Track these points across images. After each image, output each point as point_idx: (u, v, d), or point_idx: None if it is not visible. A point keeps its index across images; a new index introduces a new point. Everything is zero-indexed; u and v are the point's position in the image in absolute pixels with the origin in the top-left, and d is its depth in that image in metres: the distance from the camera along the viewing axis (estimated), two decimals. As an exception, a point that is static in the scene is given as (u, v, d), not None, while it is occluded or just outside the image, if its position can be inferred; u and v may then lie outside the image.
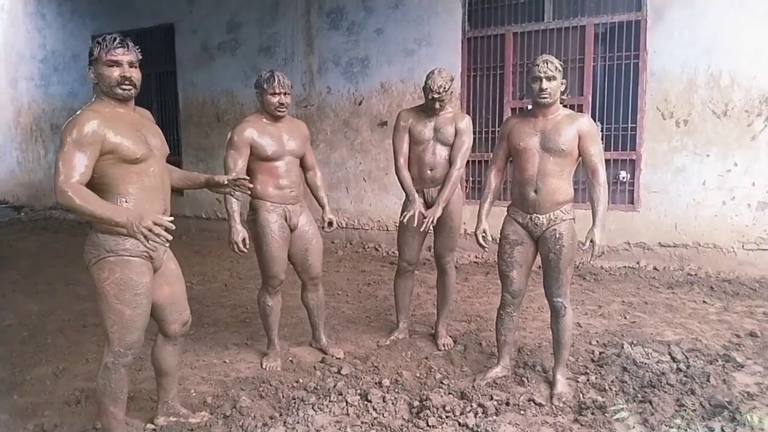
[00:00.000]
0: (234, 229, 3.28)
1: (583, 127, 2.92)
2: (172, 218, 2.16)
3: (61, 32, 9.85)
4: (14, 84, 10.78)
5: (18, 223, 9.64)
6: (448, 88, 3.50)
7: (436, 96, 3.48)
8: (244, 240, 3.30)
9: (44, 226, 9.17)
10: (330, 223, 3.68)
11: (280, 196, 3.40)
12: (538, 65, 2.88)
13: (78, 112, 2.27)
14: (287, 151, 3.39)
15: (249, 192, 2.82)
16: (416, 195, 3.66)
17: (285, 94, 3.33)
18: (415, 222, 3.58)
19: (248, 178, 2.77)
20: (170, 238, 2.11)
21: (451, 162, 3.66)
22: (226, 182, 2.65)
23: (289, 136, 3.42)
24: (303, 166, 3.62)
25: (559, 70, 2.90)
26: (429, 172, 3.66)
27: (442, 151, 3.63)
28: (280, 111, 3.35)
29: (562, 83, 2.92)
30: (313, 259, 3.58)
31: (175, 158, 8.35)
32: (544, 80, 2.86)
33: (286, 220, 3.44)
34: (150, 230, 2.05)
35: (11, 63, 10.74)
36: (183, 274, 2.70)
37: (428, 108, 3.62)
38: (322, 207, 3.69)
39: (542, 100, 2.90)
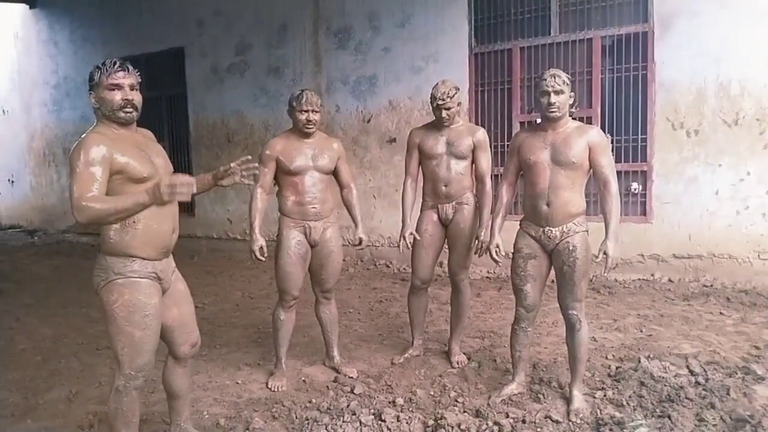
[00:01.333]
0: (252, 237, 3.39)
1: (593, 139, 2.91)
2: (191, 179, 2.21)
3: (73, 59, 10.01)
4: (28, 110, 10.95)
5: (31, 247, 9.72)
6: (453, 95, 3.50)
7: (440, 103, 3.49)
8: (261, 248, 3.37)
9: (57, 250, 9.24)
10: (360, 242, 3.73)
11: (300, 212, 3.45)
12: (546, 80, 2.88)
13: (83, 136, 2.28)
14: (312, 167, 3.44)
15: (253, 180, 2.75)
16: (408, 221, 3.71)
17: (313, 111, 3.41)
18: (401, 249, 3.71)
19: (251, 158, 2.71)
20: (194, 185, 2.19)
21: (478, 179, 3.66)
22: (231, 166, 2.62)
23: (318, 152, 3.47)
24: (339, 183, 3.69)
25: (567, 84, 2.90)
26: (444, 188, 3.64)
27: (456, 166, 3.62)
28: (308, 127, 3.42)
29: (570, 96, 2.92)
30: (327, 273, 3.60)
31: (186, 180, 8.42)
32: (552, 95, 2.86)
33: (306, 237, 3.47)
34: (174, 188, 2.13)
35: (25, 89, 10.92)
36: (194, 295, 2.70)
37: (437, 121, 3.62)
38: (355, 224, 3.74)
39: (551, 114, 2.90)
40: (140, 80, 2.39)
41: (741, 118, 5.27)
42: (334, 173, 3.61)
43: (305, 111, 3.38)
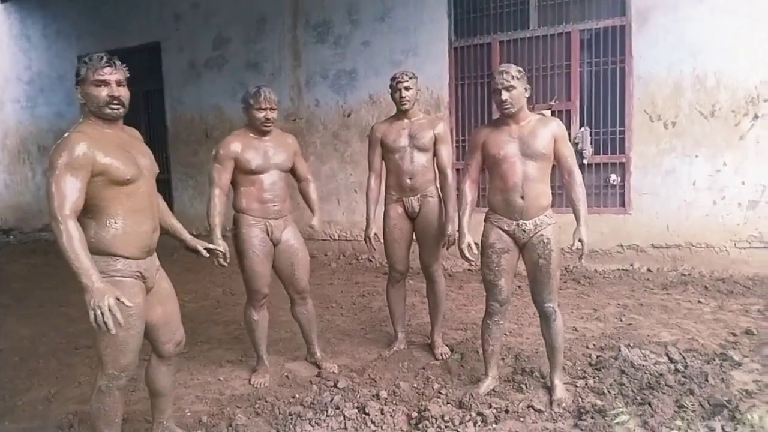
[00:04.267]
0: (215, 243, 3.19)
1: (556, 130, 2.95)
2: (131, 305, 2.18)
3: (47, 53, 9.82)
4: (0, 107, 10.73)
5: (7, 246, 9.55)
6: (411, 77, 3.59)
7: (399, 80, 3.57)
8: (224, 254, 3.21)
9: (34, 249, 9.09)
10: (311, 226, 3.63)
11: (261, 210, 3.39)
12: (495, 77, 2.90)
13: (66, 135, 2.24)
14: (272, 165, 3.39)
15: (225, 264, 3.00)
16: (372, 218, 3.77)
17: (271, 109, 3.34)
18: (369, 250, 3.80)
19: (225, 252, 2.96)
20: (114, 331, 2.06)
21: (440, 170, 3.69)
22: (204, 252, 2.78)
23: (275, 150, 3.41)
24: (295, 177, 3.63)
25: (518, 78, 2.89)
26: (408, 180, 3.66)
27: (420, 158, 3.65)
28: (266, 126, 3.35)
29: (526, 89, 2.93)
30: (299, 272, 3.55)
31: (164, 176, 8.34)
32: (503, 91, 2.88)
33: (268, 234, 3.42)
34: (102, 312, 2.02)
35: (-3, 86, 10.70)
36: (175, 292, 2.67)
37: (398, 109, 3.68)
38: (312, 213, 3.67)
39: (506, 110, 2.92)
40: (128, 75, 2.35)
41: (717, 110, 5.35)
42: (293, 167, 3.56)
43: (263, 109, 3.31)
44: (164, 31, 8.35)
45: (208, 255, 2.79)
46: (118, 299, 2.08)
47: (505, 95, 2.87)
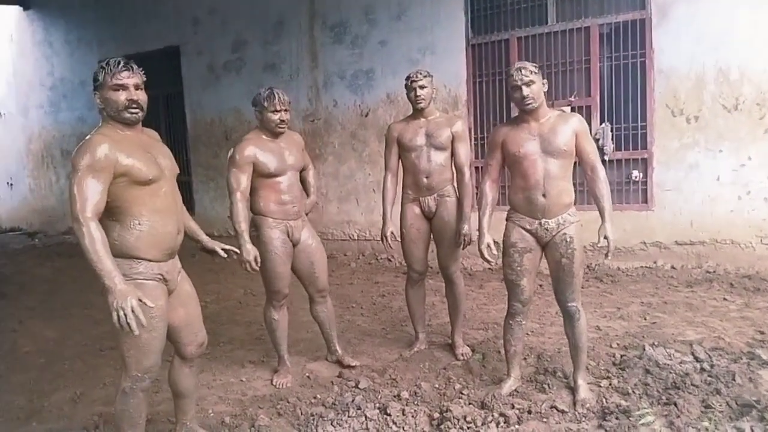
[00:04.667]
0: (244, 248, 3.24)
1: (577, 126, 2.91)
2: (153, 305, 2.20)
3: (69, 59, 9.98)
4: (25, 112, 10.92)
5: (33, 249, 9.70)
6: (426, 75, 3.58)
7: (413, 79, 3.56)
8: (255, 258, 3.27)
9: (59, 252, 9.22)
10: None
11: (282, 212, 3.40)
12: (513, 75, 2.87)
13: (87, 137, 2.27)
14: (288, 166, 3.41)
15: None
16: (389, 218, 3.75)
17: (285, 110, 3.35)
18: (386, 249, 3.77)
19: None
20: (137, 332, 2.08)
21: (457, 169, 3.66)
22: (222, 253, 2.78)
23: (289, 150, 3.43)
24: (302, 177, 3.65)
25: (536, 73, 2.87)
26: (425, 180, 3.64)
27: (437, 157, 3.63)
28: (280, 128, 3.37)
29: (543, 83, 2.90)
30: (318, 271, 3.57)
31: (185, 179, 8.42)
32: (523, 87, 2.85)
33: (288, 236, 3.44)
34: (125, 313, 2.04)
35: (21, 92, 10.89)
36: (197, 293, 2.69)
37: (414, 108, 3.66)
38: (308, 196, 3.68)
39: (527, 106, 2.88)
40: (145, 79, 2.37)
41: (741, 104, 5.25)
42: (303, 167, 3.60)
43: (278, 111, 3.31)
44: (183, 35, 8.43)
45: (226, 256, 2.79)
46: (140, 300, 2.10)
47: (525, 91, 2.84)
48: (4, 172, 11.54)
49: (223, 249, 2.78)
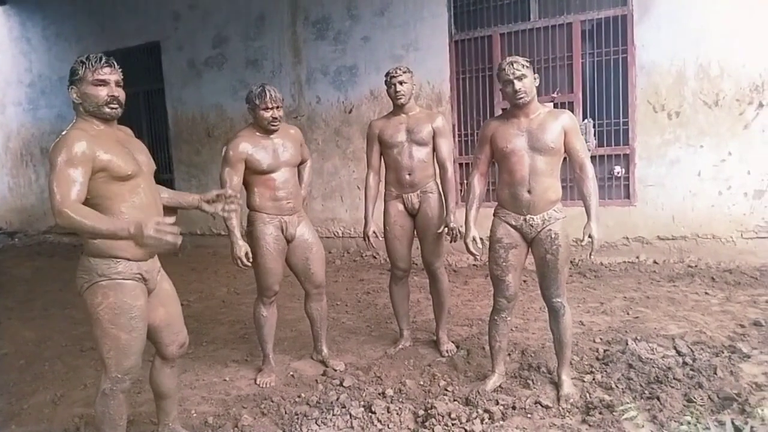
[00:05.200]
0: (236, 244, 3.24)
1: (566, 123, 2.90)
2: (172, 219, 2.14)
3: (47, 55, 9.81)
4: (2, 109, 10.72)
5: (12, 249, 9.56)
6: (405, 71, 3.58)
7: (393, 75, 3.56)
8: (247, 254, 3.27)
9: (39, 251, 9.10)
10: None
11: (276, 208, 3.39)
12: (505, 69, 2.86)
13: (63, 133, 2.23)
14: (282, 163, 3.38)
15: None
16: (371, 217, 3.77)
17: (277, 107, 3.32)
18: (368, 248, 3.68)
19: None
20: (179, 236, 2.05)
21: (440, 164, 3.66)
22: (216, 196, 2.61)
23: (284, 147, 3.41)
24: (299, 168, 3.62)
25: (528, 67, 2.86)
26: (407, 176, 3.64)
27: (418, 153, 3.62)
28: (273, 125, 3.33)
29: (535, 78, 2.90)
30: (315, 267, 3.55)
31: (167, 176, 8.33)
32: (515, 81, 2.83)
33: (282, 232, 3.42)
34: (159, 238, 2.00)
35: (-1, 89, 10.70)
36: (179, 292, 2.66)
37: (394, 103, 3.65)
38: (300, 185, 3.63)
39: (520, 100, 2.87)
40: (122, 77, 2.35)
41: (721, 99, 5.30)
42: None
43: (270, 108, 3.29)
44: (163, 31, 8.32)
45: (218, 197, 2.64)
46: (157, 222, 2.03)
47: (518, 84, 2.83)
48: (-18, 170, 11.34)
49: (216, 194, 2.64)
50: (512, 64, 2.84)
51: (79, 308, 5.10)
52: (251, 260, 3.30)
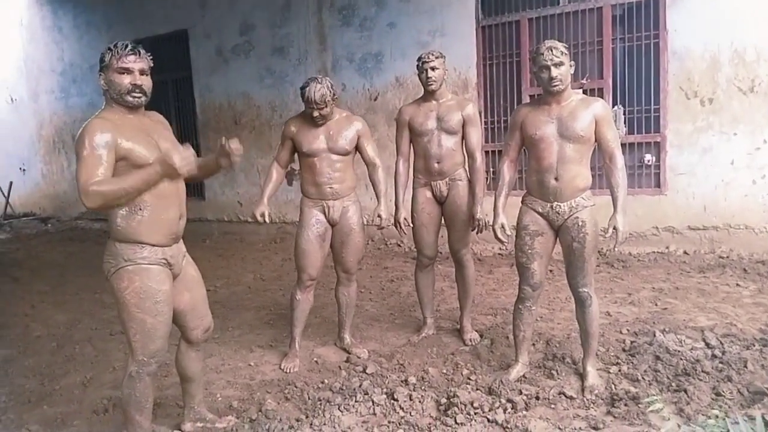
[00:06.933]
0: (259, 201, 3.45)
1: (598, 111, 2.84)
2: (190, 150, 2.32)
3: (78, 44, 9.97)
4: (36, 98, 10.95)
5: (45, 234, 9.79)
6: (438, 57, 3.56)
7: (425, 60, 3.54)
8: (263, 213, 3.42)
9: (71, 237, 9.31)
10: (379, 216, 3.53)
11: (318, 193, 3.47)
12: (543, 54, 2.79)
13: (88, 121, 2.27)
14: (325, 149, 3.42)
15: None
16: (402, 203, 3.74)
17: (321, 107, 3.32)
18: (399, 235, 3.80)
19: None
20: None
21: (469, 153, 3.62)
22: (221, 146, 2.50)
23: (334, 134, 3.43)
24: (363, 160, 3.62)
25: (565, 54, 2.80)
26: (436, 164, 3.61)
27: (447, 142, 3.59)
28: (318, 121, 3.38)
29: (571, 65, 2.84)
30: (347, 253, 3.58)
31: (194, 163, 8.41)
32: (552, 68, 2.78)
33: (325, 215, 3.48)
34: (186, 162, 2.25)
35: (32, 77, 10.91)
36: (206, 278, 2.69)
37: (425, 92, 3.62)
38: (378, 201, 3.55)
39: (554, 88, 2.81)
40: (152, 65, 2.37)
41: (757, 85, 5.14)
42: (359, 151, 3.57)
43: (311, 108, 3.33)
44: (191, 19, 8.38)
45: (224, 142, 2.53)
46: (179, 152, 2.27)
47: (555, 72, 2.78)
48: (17, 157, 11.60)
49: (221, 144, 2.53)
50: (551, 50, 2.78)
51: (109, 292, 5.21)
52: (267, 220, 3.45)
